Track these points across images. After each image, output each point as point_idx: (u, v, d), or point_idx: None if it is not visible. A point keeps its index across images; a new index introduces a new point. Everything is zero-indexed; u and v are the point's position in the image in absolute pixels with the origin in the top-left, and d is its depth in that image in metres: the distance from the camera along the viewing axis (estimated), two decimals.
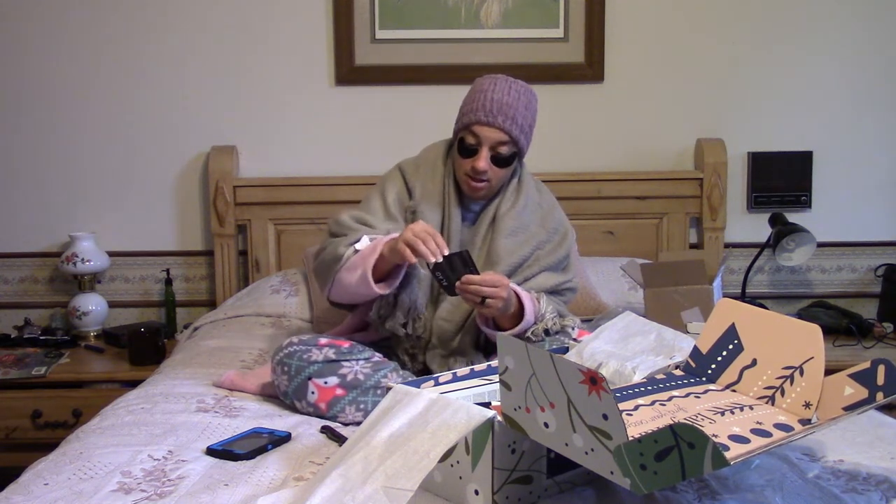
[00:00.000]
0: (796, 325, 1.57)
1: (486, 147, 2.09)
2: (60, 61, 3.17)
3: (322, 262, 2.12)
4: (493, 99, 2.09)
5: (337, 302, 2.18)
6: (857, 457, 1.65)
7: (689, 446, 1.15)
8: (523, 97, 2.12)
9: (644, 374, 1.67)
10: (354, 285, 2.03)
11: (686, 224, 3.23)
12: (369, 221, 2.13)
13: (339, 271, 2.04)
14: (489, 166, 2.10)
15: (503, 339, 1.36)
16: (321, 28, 3.19)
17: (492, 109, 2.08)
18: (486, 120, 2.08)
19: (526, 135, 2.14)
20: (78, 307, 3.10)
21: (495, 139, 2.09)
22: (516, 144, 2.12)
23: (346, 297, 2.12)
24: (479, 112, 2.09)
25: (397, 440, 1.42)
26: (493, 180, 2.14)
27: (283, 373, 1.96)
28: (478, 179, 2.12)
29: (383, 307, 2.10)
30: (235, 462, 1.65)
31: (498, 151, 2.10)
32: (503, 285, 1.95)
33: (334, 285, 2.08)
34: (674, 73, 3.26)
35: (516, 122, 2.09)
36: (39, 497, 1.49)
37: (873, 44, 3.26)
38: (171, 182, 3.23)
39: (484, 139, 2.09)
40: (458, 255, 1.94)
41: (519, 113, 2.10)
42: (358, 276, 2.01)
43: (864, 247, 3.33)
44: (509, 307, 2.01)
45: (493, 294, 1.93)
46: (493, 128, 2.08)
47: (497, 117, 2.08)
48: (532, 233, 2.18)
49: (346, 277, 2.04)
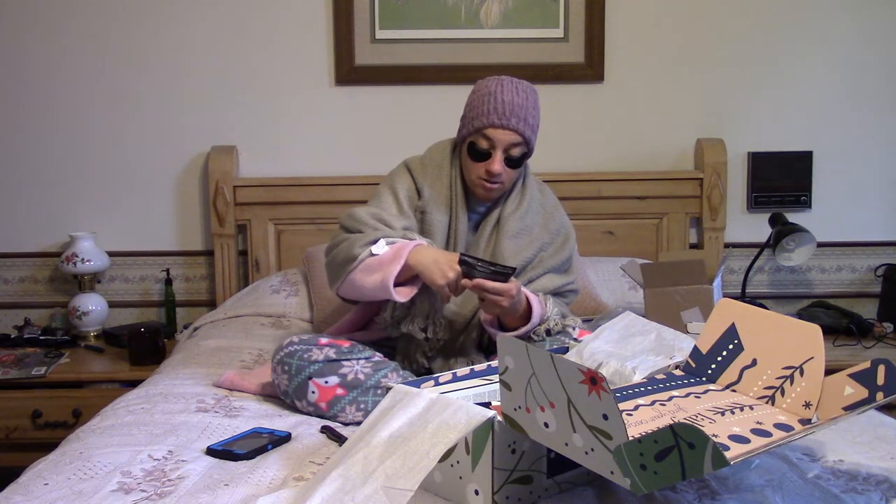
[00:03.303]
0: (796, 325, 1.57)
1: (500, 150, 2.08)
2: (61, 61, 3.17)
3: (334, 259, 2.11)
4: (504, 101, 2.07)
5: (349, 300, 2.17)
6: (857, 457, 1.65)
7: (689, 446, 1.15)
8: (531, 97, 2.12)
9: (644, 374, 1.67)
10: (370, 288, 2.01)
11: (686, 224, 3.23)
12: (385, 219, 2.11)
13: (353, 272, 2.04)
14: (503, 168, 2.10)
15: (503, 339, 1.36)
16: (321, 28, 3.19)
17: (504, 112, 2.06)
18: (500, 123, 2.06)
19: (535, 134, 2.15)
20: (78, 307, 3.10)
21: (509, 141, 2.08)
22: (528, 145, 2.12)
23: (356, 295, 2.11)
24: (493, 115, 2.07)
25: (397, 440, 1.42)
26: (507, 182, 2.14)
27: (283, 372, 1.96)
28: (493, 182, 2.12)
29: (399, 309, 2.08)
30: (235, 462, 1.65)
31: (511, 153, 2.10)
32: (508, 295, 1.94)
33: (345, 283, 2.07)
34: (674, 73, 3.26)
35: (528, 122, 2.09)
36: (39, 497, 1.49)
37: (873, 44, 3.26)
38: (171, 182, 3.23)
39: (498, 142, 2.08)
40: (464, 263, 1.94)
41: (529, 113, 2.10)
42: (376, 281, 1.99)
43: (863, 247, 3.33)
44: (518, 309, 2.01)
45: (496, 301, 1.94)
46: (506, 130, 2.07)
47: (510, 119, 2.06)
48: (536, 235, 2.18)
49: (360, 279, 2.03)
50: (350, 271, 2.04)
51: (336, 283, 2.11)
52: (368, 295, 2.05)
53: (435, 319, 2.08)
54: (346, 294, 2.13)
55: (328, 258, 2.15)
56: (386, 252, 2.01)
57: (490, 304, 1.96)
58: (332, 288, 2.15)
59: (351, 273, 2.04)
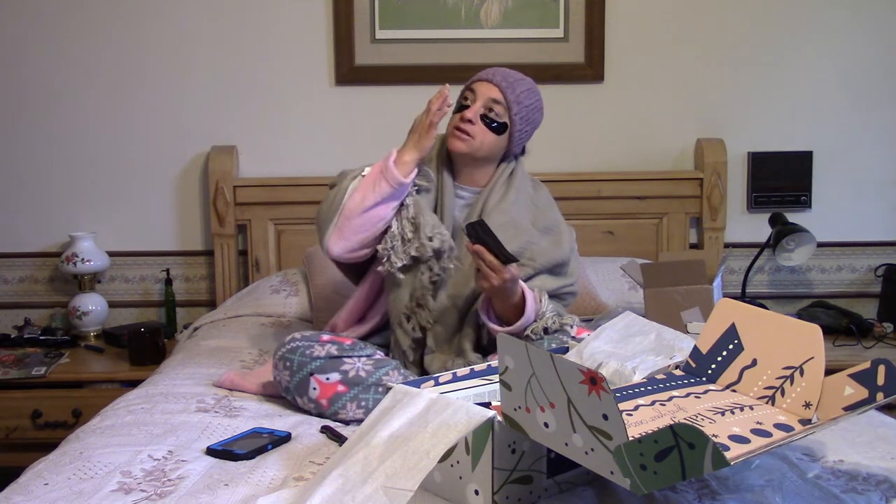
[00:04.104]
0: (796, 325, 1.57)
1: (480, 101, 2.14)
2: (60, 61, 3.17)
3: (325, 202, 2.12)
4: (496, 69, 2.19)
5: (340, 254, 2.12)
6: (857, 457, 1.65)
7: (689, 446, 1.15)
8: (528, 82, 2.19)
9: (644, 374, 1.67)
10: (372, 195, 2.03)
11: (686, 224, 3.23)
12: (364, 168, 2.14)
13: (348, 198, 2.06)
14: (476, 119, 2.13)
15: (503, 339, 1.36)
16: (321, 28, 3.19)
17: (492, 72, 2.18)
18: (486, 77, 2.17)
19: (522, 115, 2.15)
20: (78, 307, 3.10)
21: (490, 96, 2.14)
22: (509, 113, 2.14)
23: (355, 228, 2.07)
24: (481, 74, 2.19)
25: (397, 440, 1.42)
26: (476, 140, 2.14)
27: (284, 368, 1.96)
28: (463, 130, 2.13)
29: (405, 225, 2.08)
30: (235, 462, 1.65)
31: (490, 112, 2.14)
32: (500, 275, 1.95)
33: (342, 219, 2.06)
34: (674, 73, 3.26)
35: (514, 90, 2.15)
36: (39, 497, 1.49)
37: (873, 44, 3.26)
38: (171, 182, 3.23)
39: (479, 94, 2.15)
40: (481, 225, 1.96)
41: (519, 86, 2.16)
42: (374, 174, 2.04)
43: (864, 247, 3.33)
44: (511, 298, 2.01)
45: (487, 276, 1.95)
46: (490, 84, 2.15)
47: (496, 76, 2.16)
48: (523, 228, 2.17)
49: (356, 198, 2.05)
50: (347, 199, 2.06)
51: (331, 225, 2.08)
52: (368, 214, 2.05)
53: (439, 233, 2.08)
54: (339, 241, 2.09)
55: (318, 214, 2.15)
56: (374, 166, 2.09)
57: (483, 276, 1.96)
58: (325, 239, 2.10)
59: (348, 201, 2.05)
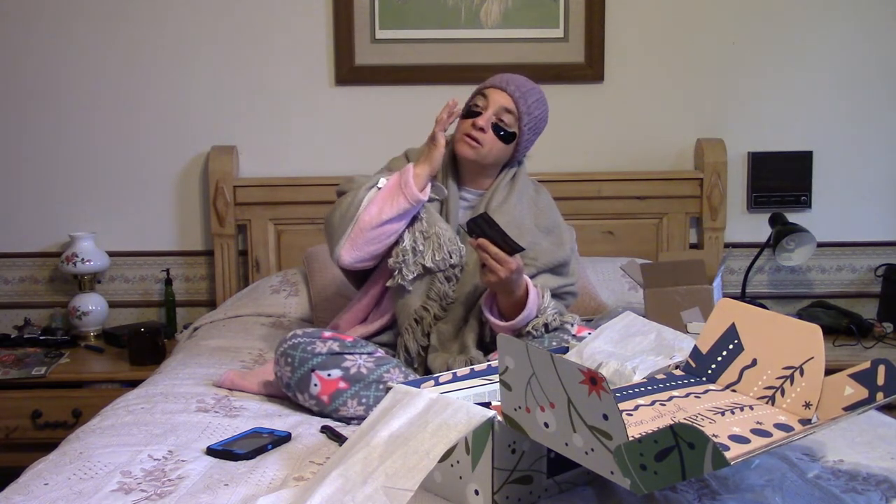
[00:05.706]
0: (796, 325, 1.57)
1: (491, 109, 2.14)
2: (61, 62, 3.17)
3: (337, 210, 2.11)
4: (510, 77, 2.19)
5: (350, 264, 2.12)
6: (857, 457, 1.65)
7: (689, 446, 1.15)
8: (538, 92, 2.21)
9: (644, 374, 1.67)
10: (389, 209, 2.04)
11: (686, 224, 3.23)
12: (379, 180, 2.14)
13: (363, 211, 2.06)
14: (488, 128, 2.13)
15: (503, 339, 1.36)
16: (321, 28, 3.19)
17: (506, 79, 2.18)
18: (499, 85, 2.17)
19: (530, 126, 2.17)
20: (78, 307, 3.10)
21: (502, 104, 2.14)
22: (519, 123, 2.15)
23: (368, 240, 2.08)
24: (495, 80, 2.19)
25: (397, 440, 1.42)
26: (485, 148, 2.15)
27: (286, 364, 1.96)
28: (473, 137, 2.13)
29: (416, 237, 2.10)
30: (235, 462, 1.65)
31: (501, 121, 2.14)
32: (507, 267, 1.96)
33: (356, 230, 2.07)
34: (674, 73, 3.26)
35: (526, 100, 2.16)
36: (39, 497, 1.49)
37: (873, 44, 3.26)
38: (171, 182, 3.23)
39: (492, 101, 2.15)
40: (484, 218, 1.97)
41: (531, 95, 2.17)
42: (392, 195, 2.04)
43: (863, 247, 3.33)
44: (514, 290, 2.02)
45: (494, 268, 1.96)
46: (504, 92, 2.15)
47: (510, 85, 2.16)
48: (526, 228, 2.18)
49: (371, 211, 2.05)
50: (360, 212, 2.06)
51: (343, 237, 2.08)
52: (381, 228, 2.06)
53: (451, 243, 2.11)
54: (351, 251, 2.10)
55: (329, 220, 2.14)
56: (391, 179, 2.09)
57: (488, 270, 1.97)
58: (335, 249, 2.11)
59: (362, 214, 2.06)
